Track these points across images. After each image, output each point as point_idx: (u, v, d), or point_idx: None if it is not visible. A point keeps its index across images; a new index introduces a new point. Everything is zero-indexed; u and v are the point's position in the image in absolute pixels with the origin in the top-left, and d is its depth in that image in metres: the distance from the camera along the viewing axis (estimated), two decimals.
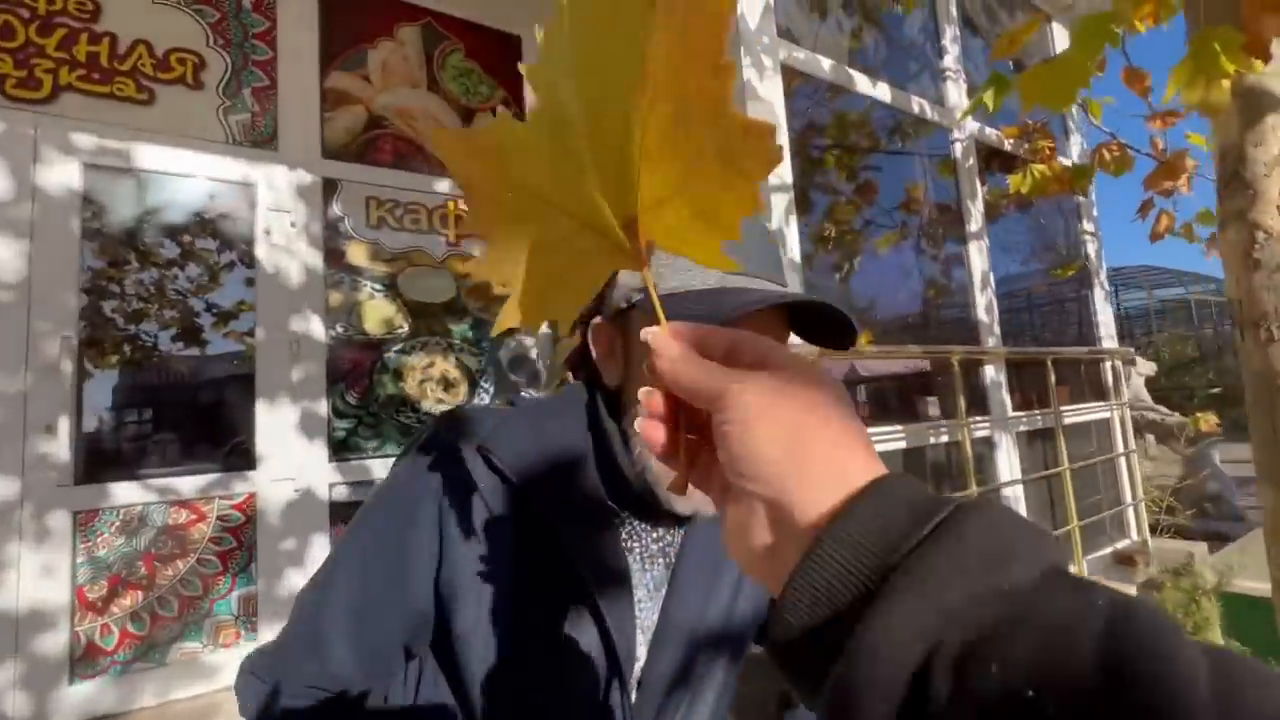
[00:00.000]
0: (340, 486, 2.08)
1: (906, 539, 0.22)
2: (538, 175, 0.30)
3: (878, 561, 0.22)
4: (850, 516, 0.23)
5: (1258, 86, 1.18)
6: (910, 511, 0.23)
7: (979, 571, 0.21)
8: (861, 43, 2.07)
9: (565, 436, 0.54)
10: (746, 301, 0.47)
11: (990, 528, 0.22)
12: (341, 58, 2.27)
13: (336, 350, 2.14)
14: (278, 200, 2.07)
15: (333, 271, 2.17)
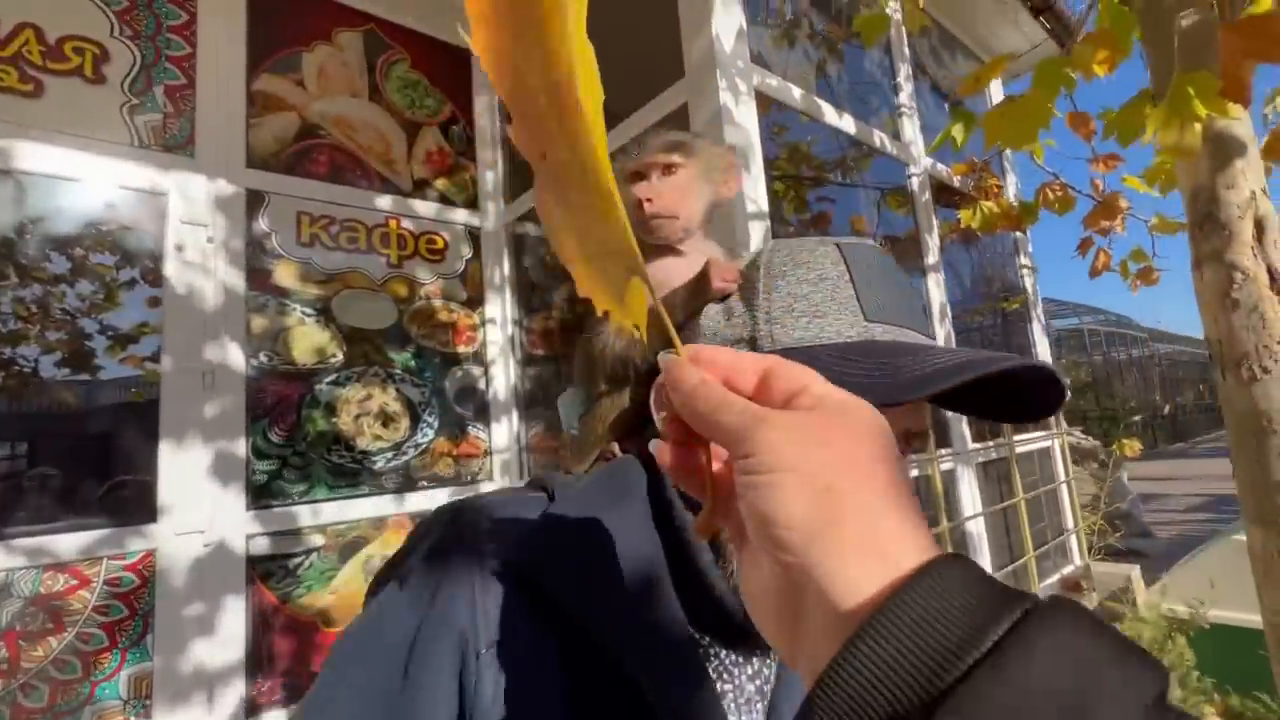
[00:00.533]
0: (260, 538, 1.82)
1: (958, 658, 0.18)
2: None
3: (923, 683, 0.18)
4: (893, 614, 0.19)
5: (1225, 131, 1.22)
6: (966, 615, 0.19)
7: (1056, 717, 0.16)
8: (826, 75, 2.08)
9: (628, 540, 0.41)
10: (942, 369, 0.34)
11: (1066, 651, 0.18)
12: (272, 60, 2.07)
13: (258, 381, 1.89)
14: (193, 212, 1.83)
15: (256, 293, 1.93)
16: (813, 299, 0.41)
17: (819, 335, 0.40)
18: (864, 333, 0.40)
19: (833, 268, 0.43)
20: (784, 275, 0.43)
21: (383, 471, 2.09)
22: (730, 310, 0.44)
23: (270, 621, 1.80)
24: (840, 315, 0.41)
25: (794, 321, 0.41)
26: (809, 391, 0.26)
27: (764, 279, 0.43)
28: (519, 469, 2.38)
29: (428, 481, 2.18)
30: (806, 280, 0.42)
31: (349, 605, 1.93)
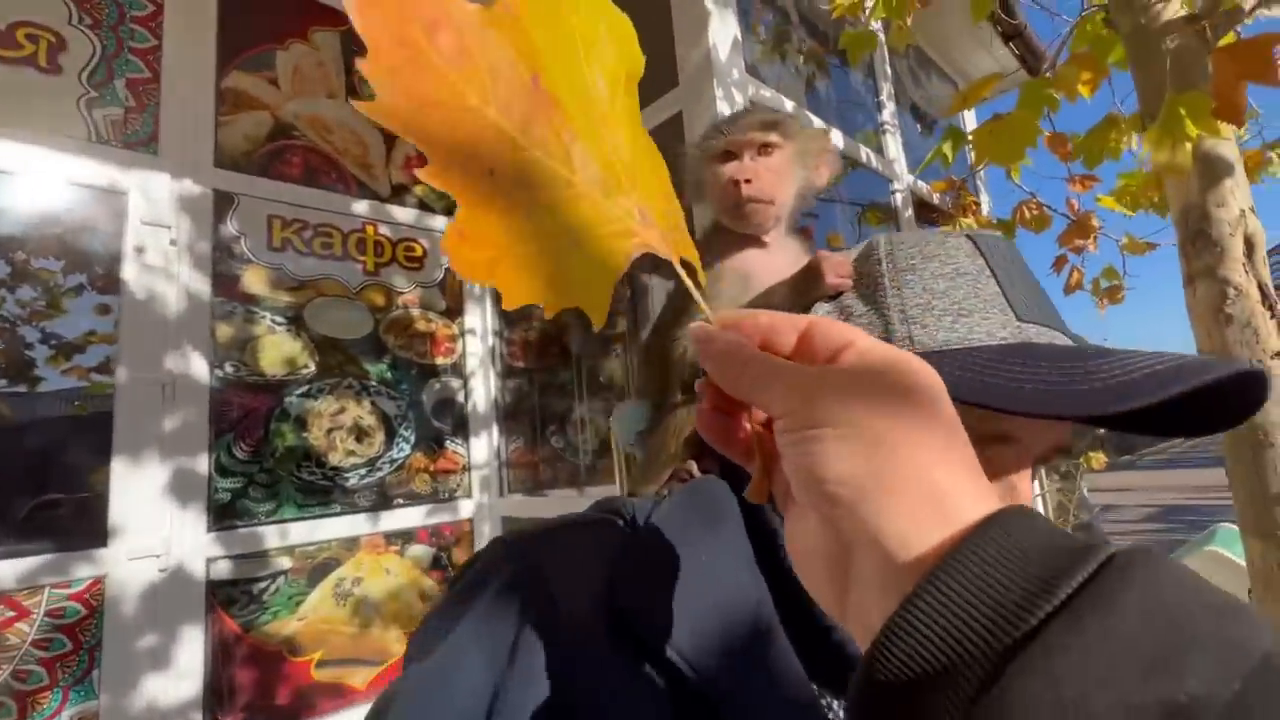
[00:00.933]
0: (222, 562, 1.70)
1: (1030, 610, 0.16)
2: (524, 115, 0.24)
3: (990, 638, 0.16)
4: (955, 567, 0.18)
5: (1213, 151, 1.25)
6: (1040, 563, 0.17)
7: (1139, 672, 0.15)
8: (814, 89, 2.09)
9: (730, 577, 0.36)
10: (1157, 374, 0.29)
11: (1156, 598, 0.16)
12: (244, 56, 1.97)
13: (223, 394, 1.78)
14: (155, 213, 1.72)
15: (222, 300, 1.82)
16: (953, 295, 0.37)
17: (967, 336, 0.35)
18: (1018, 334, 0.36)
19: (969, 261, 0.38)
20: (914, 269, 0.38)
21: (356, 489, 1.98)
22: (848, 309, 0.40)
23: (231, 652, 1.67)
24: (989, 314, 0.36)
25: (935, 321, 0.36)
26: (854, 347, 0.24)
27: (890, 273, 0.39)
28: (499, 484, 2.30)
29: (404, 499, 2.08)
30: (942, 275, 0.38)
31: (317, 632, 1.81)
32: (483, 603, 0.34)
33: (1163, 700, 0.14)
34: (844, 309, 0.40)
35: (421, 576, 2.07)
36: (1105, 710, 0.14)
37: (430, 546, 2.11)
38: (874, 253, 0.41)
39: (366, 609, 1.92)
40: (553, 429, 2.60)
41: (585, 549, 0.36)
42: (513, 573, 0.35)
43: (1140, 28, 1.35)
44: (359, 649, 1.88)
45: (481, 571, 0.37)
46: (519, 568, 0.35)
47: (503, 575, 0.35)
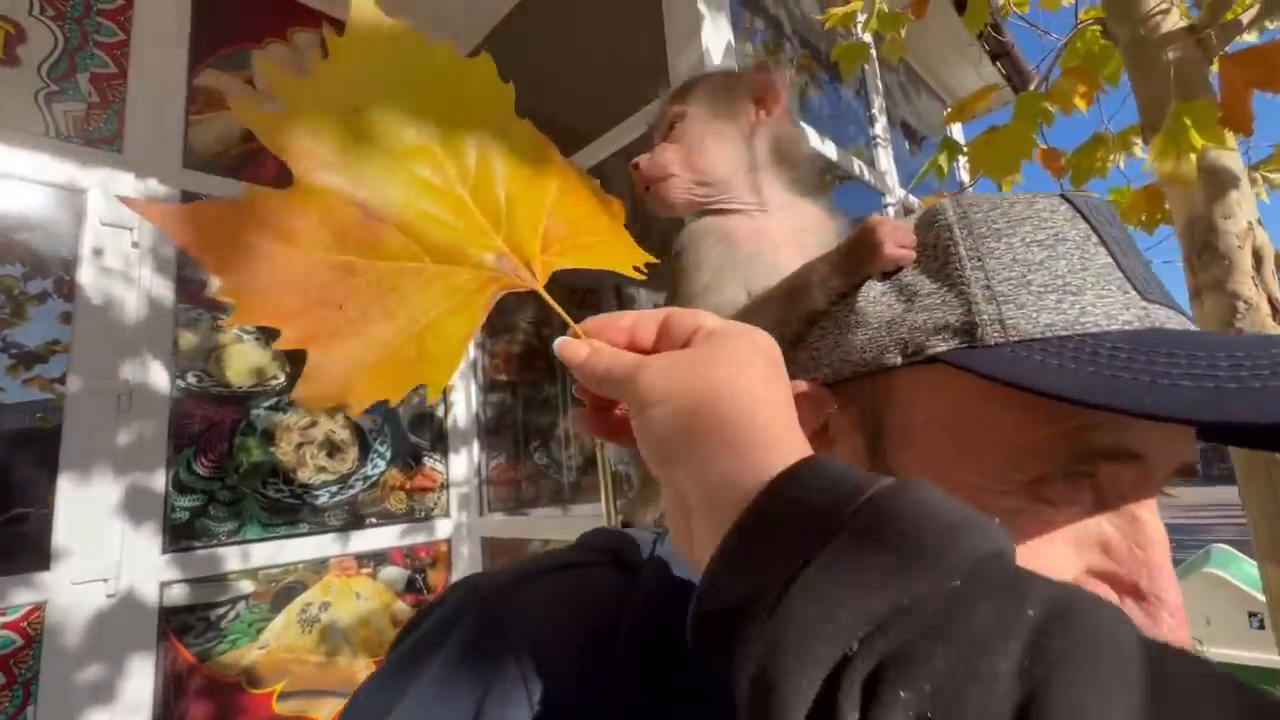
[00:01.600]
0: (177, 586, 1.58)
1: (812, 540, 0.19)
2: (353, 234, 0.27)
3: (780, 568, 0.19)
4: (755, 515, 0.21)
5: (1218, 162, 1.22)
6: (822, 504, 0.20)
7: (878, 582, 0.18)
8: (807, 100, 2.06)
9: None
10: None
11: (903, 522, 0.19)
12: (218, 54, 1.90)
13: (185, 405, 1.67)
14: (116, 213, 1.62)
15: (187, 306, 1.72)
16: (1054, 268, 0.29)
17: (1079, 320, 0.28)
18: (1144, 317, 0.29)
19: (1068, 225, 0.31)
20: (998, 235, 0.31)
21: (326, 507, 1.87)
22: (910, 289, 0.32)
23: (184, 684, 1.55)
24: (1104, 291, 0.29)
25: (1035, 300, 0.29)
26: (701, 329, 0.27)
27: (965, 241, 0.31)
28: (479, 503, 2.20)
29: (377, 518, 1.97)
30: (1037, 242, 0.30)
31: (280, 661, 1.69)
32: (441, 661, 0.27)
33: (892, 604, 0.17)
34: (905, 288, 0.32)
35: (394, 600, 1.96)
36: (849, 617, 0.17)
37: (405, 569, 2.01)
38: (939, 217, 0.33)
39: (334, 636, 1.81)
40: (536, 445, 2.51)
41: (568, 600, 0.29)
42: (479, 627, 0.28)
43: (1139, 39, 1.33)
44: (325, 679, 1.77)
45: (442, 622, 0.30)
46: (487, 622, 0.28)
47: (466, 629, 0.28)
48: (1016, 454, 0.28)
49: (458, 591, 0.31)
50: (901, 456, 0.31)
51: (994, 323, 0.29)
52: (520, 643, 0.27)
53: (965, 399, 0.29)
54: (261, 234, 0.25)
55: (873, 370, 0.32)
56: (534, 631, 0.27)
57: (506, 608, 0.28)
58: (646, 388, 0.25)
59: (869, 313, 0.33)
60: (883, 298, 0.33)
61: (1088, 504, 0.28)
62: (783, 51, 2.01)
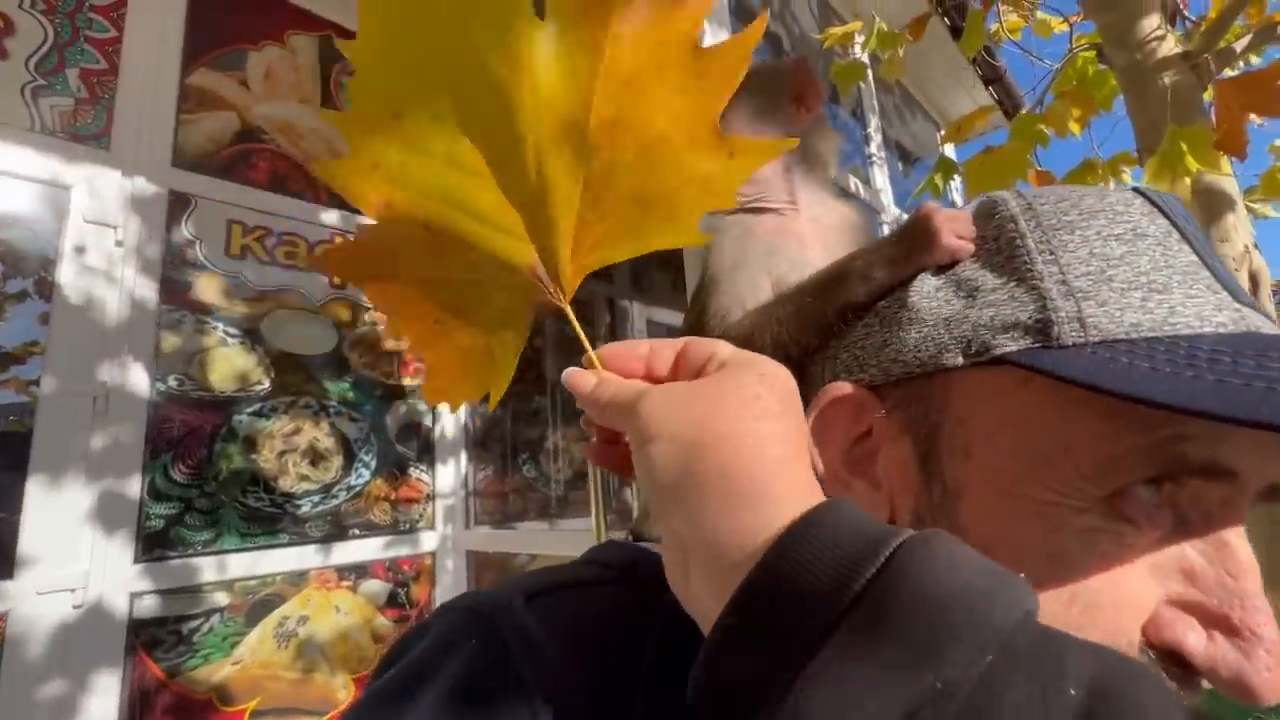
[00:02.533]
0: (148, 597, 1.52)
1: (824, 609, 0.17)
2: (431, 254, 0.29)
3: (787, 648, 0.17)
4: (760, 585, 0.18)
5: (1214, 186, 1.23)
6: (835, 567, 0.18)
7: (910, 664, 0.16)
8: None
9: None
10: None
11: (926, 587, 0.17)
12: (213, 55, 1.88)
13: (164, 409, 1.62)
14: (101, 211, 1.59)
15: (170, 308, 1.68)
16: (1136, 264, 0.27)
17: (1169, 320, 0.26)
18: (1239, 320, 0.26)
19: (1147, 221, 0.28)
20: (1071, 228, 0.28)
21: (308, 517, 1.82)
22: (971, 284, 0.29)
23: (152, 701, 1.49)
24: (1193, 291, 0.26)
25: (1118, 297, 0.26)
26: (714, 358, 0.25)
27: (1034, 233, 0.28)
28: (465, 516, 2.15)
29: (360, 529, 1.92)
30: (1115, 236, 0.28)
31: (253, 678, 1.63)
32: (440, 691, 0.24)
33: (924, 689, 0.15)
34: (964, 283, 0.30)
35: (375, 615, 1.90)
36: (879, 705, 0.15)
37: (387, 582, 1.95)
38: (1000, 208, 0.31)
39: (311, 651, 1.74)
40: (525, 457, 2.47)
41: (582, 624, 0.26)
42: (482, 652, 0.25)
43: (1135, 64, 1.34)
44: (301, 697, 1.70)
45: (439, 647, 0.26)
46: (491, 646, 0.25)
47: (467, 654, 0.25)
48: (1097, 467, 0.25)
49: (452, 614, 0.28)
50: (959, 469, 0.28)
51: (1072, 320, 0.26)
52: (528, 670, 0.24)
53: (1036, 405, 0.26)
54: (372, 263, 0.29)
55: (928, 372, 0.29)
56: (545, 658, 0.24)
57: (513, 630, 0.26)
58: (645, 419, 0.23)
59: (924, 309, 0.30)
60: (938, 293, 0.30)
61: (1169, 525, 0.25)
62: None
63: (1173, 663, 0.25)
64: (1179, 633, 0.25)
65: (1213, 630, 0.25)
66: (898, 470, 0.30)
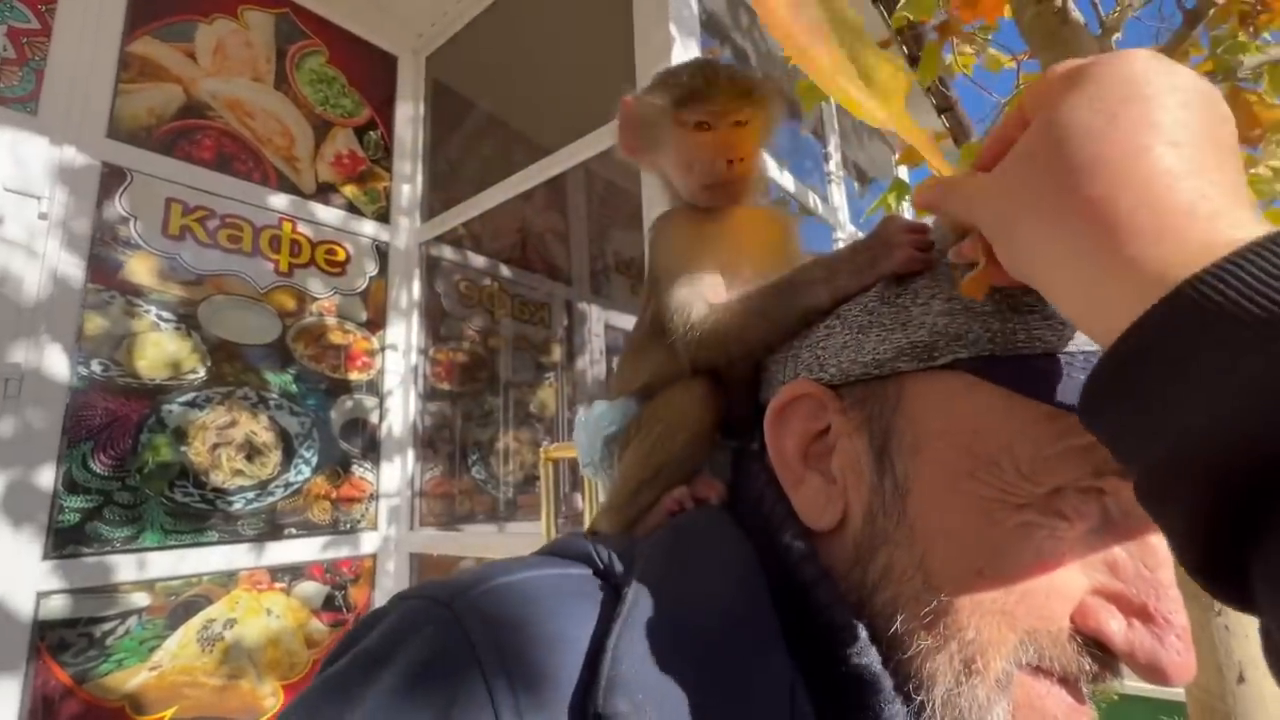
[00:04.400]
0: (56, 597, 1.41)
1: None
2: None
3: None
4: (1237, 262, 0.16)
5: None
6: None
7: None
8: None
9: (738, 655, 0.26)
10: None
11: None
12: (159, 23, 1.78)
13: (86, 395, 1.52)
14: (24, 179, 1.48)
15: (98, 287, 1.57)
16: None
17: None
18: None
19: None
20: None
21: (240, 515, 1.73)
22: (930, 293, 0.31)
23: (56, 708, 1.38)
24: None
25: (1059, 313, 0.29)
26: None
27: None
28: (410, 516, 2.09)
29: (296, 528, 1.84)
30: None
31: (172, 684, 1.54)
32: (394, 677, 0.23)
33: None
34: (920, 293, 0.31)
35: (310, 618, 1.82)
36: None
37: (324, 584, 1.87)
38: None
39: (238, 656, 1.65)
40: (475, 458, 2.42)
41: (544, 612, 0.25)
42: (439, 639, 0.24)
43: None
44: (224, 705, 1.61)
45: (394, 634, 0.25)
46: (450, 634, 0.24)
47: (424, 641, 0.24)
48: (1035, 466, 0.27)
49: (410, 601, 0.27)
50: (909, 465, 0.30)
51: (1019, 331, 0.28)
52: (490, 658, 0.23)
53: (983, 408, 0.28)
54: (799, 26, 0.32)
55: (884, 374, 0.31)
56: (505, 646, 0.24)
57: (475, 617, 0.25)
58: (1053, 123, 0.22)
59: (882, 314, 0.32)
60: (898, 299, 0.32)
61: (1096, 521, 0.27)
62: None
63: (1096, 647, 0.27)
64: (1102, 620, 0.27)
65: (1132, 618, 0.27)
66: (851, 466, 0.31)
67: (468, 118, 2.60)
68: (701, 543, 0.32)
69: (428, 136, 2.38)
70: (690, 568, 0.29)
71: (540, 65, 2.39)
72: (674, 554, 0.30)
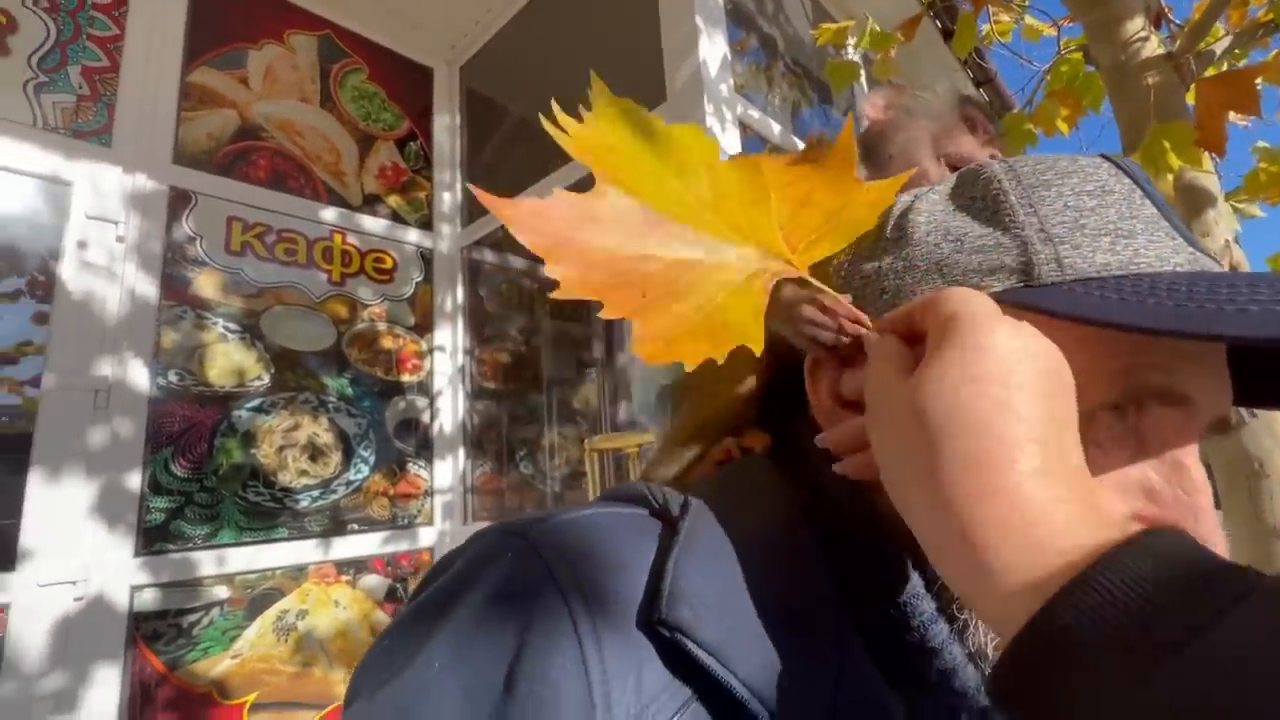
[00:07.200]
0: (148, 590, 1.53)
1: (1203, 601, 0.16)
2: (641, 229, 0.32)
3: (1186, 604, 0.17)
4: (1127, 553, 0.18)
5: (1196, 182, 1.26)
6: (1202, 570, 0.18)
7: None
8: (800, 116, 2.10)
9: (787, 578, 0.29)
10: None
11: None
12: (214, 53, 1.89)
13: (164, 404, 1.63)
14: (103, 207, 1.60)
15: (171, 304, 1.69)
16: (1105, 215, 0.30)
17: (1133, 261, 0.29)
18: (1194, 262, 0.29)
19: (1114, 180, 0.32)
20: (1048, 185, 0.32)
21: (306, 512, 1.83)
22: (961, 233, 0.32)
23: (152, 694, 1.49)
24: (1154, 236, 0.30)
25: (1090, 241, 0.29)
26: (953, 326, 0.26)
27: (1015, 190, 0.32)
28: (463, 512, 2.17)
29: (358, 524, 1.93)
30: (1086, 192, 0.31)
31: (253, 672, 1.64)
32: (478, 598, 0.26)
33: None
34: (952, 232, 0.32)
35: (374, 609, 1.91)
36: None
37: (385, 577, 1.96)
38: (984, 171, 0.34)
39: (310, 645, 1.75)
40: (522, 454, 2.49)
41: (612, 544, 0.28)
42: (518, 562, 0.27)
43: (1120, 63, 1.38)
44: (299, 691, 1.71)
45: (475, 561, 0.28)
46: (528, 557, 0.27)
47: (504, 565, 0.27)
48: None
49: (486, 536, 0.30)
50: None
51: (1050, 262, 0.29)
52: (565, 578, 0.26)
53: None
54: (573, 227, 0.30)
55: None
56: (577, 569, 0.26)
57: (548, 543, 0.27)
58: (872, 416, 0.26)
59: (916, 257, 0.33)
60: (928, 238, 0.33)
61: (1132, 448, 0.28)
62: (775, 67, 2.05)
63: None
64: None
65: None
66: None
67: (502, 123, 2.67)
68: (750, 485, 0.34)
69: (465, 144, 2.45)
70: (740, 506, 0.31)
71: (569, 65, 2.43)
72: (724, 494, 0.32)
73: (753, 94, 1.86)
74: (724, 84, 1.58)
